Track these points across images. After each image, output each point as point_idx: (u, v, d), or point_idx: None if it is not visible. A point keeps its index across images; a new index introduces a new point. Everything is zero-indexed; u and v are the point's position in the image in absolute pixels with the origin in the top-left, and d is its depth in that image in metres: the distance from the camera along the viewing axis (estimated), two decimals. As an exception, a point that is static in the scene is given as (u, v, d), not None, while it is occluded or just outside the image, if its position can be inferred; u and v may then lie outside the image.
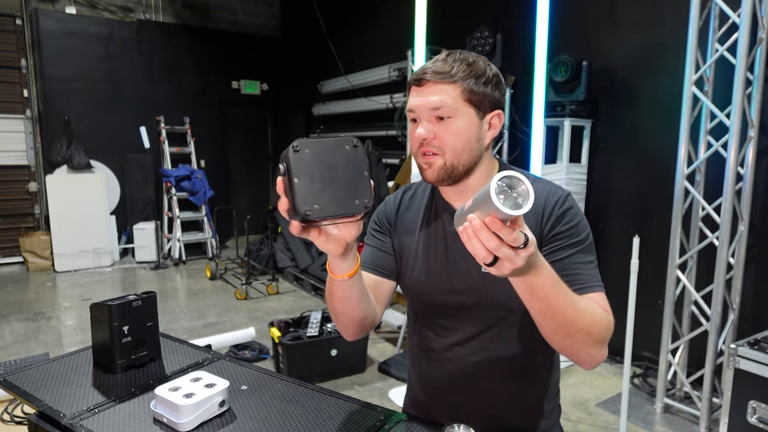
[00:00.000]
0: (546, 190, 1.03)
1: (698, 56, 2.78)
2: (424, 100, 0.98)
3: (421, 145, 1.00)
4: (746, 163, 2.72)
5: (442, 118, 0.98)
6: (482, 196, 0.69)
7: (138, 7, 6.80)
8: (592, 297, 0.96)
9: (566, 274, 0.94)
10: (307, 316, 3.48)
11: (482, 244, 0.69)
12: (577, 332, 0.86)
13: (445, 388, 1.11)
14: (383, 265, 1.13)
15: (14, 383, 1.23)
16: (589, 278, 0.97)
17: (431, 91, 0.98)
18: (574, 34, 3.70)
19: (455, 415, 1.09)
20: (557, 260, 0.97)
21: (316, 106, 7.39)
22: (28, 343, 3.89)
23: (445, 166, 0.99)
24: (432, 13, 2.99)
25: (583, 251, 0.99)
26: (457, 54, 1.00)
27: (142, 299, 1.35)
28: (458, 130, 0.98)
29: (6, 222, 6.30)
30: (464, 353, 1.08)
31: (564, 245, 0.98)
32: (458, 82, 0.97)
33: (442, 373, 1.11)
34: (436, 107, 0.97)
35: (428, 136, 0.98)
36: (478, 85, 0.98)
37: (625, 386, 2.45)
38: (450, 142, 0.98)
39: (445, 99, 0.97)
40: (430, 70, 0.98)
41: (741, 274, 2.78)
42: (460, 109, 0.98)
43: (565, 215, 1.00)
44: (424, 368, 1.16)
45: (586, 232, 1.01)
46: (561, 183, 3.49)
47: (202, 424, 1.04)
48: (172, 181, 6.55)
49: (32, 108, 6.34)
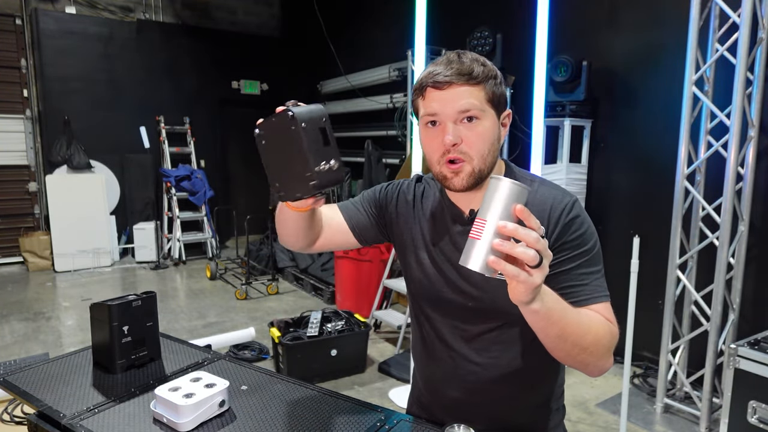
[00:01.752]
0: (552, 195, 1.00)
1: (698, 56, 2.78)
2: (451, 103, 0.93)
3: (447, 152, 0.95)
4: (746, 163, 2.72)
5: (470, 120, 0.94)
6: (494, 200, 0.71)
7: (138, 7, 6.80)
8: (597, 308, 0.94)
9: (572, 285, 0.95)
10: (307, 316, 3.48)
11: (526, 240, 0.70)
12: (588, 346, 0.87)
13: (449, 387, 1.11)
14: (356, 224, 1.16)
15: (14, 383, 1.23)
16: (594, 289, 0.96)
17: (458, 93, 0.93)
18: (574, 34, 3.70)
19: (458, 414, 1.09)
20: (564, 271, 0.96)
21: (316, 106, 7.38)
22: (28, 343, 3.89)
23: (473, 173, 0.95)
24: (432, 13, 2.99)
25: (589, 261, 0.97)
26: (468, 54, 0.97)
27: (142, 299, 1.35)
28: (485, 132, 0.95)
29: (6, 222, 6.30)
30: (466, 353, 1.08)
31: (571, 256, 0.96)
32: (482, 83, 0.94)
33: (445, 372, 1.11)
34: (466, 109, 0.93)
35: (457, 141, 0.93)
36: (496, 86, 0.96)
37: (625, 386, 2.45)
38: (478, 146, 0.95)
39: (473, 101, 0.93)
40: (453, 72, 0.93)
41: (741, 274, 2.78)
42: (486, 110, 0.95)
43: (573, 224, 0.97)
44: (427, 367, 1.16)
45: (593, 241, 0.98)
46: (561, 183, 3.49)
47: (202, 424, 1.04)
48: (172, 181, 6.55)
49: (32, 108, 6.34)
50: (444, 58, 0.97)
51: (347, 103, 6.52)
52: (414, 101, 1.01)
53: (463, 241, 1.03)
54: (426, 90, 0.96)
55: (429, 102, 0.95)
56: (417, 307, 1.16)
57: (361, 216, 1.16)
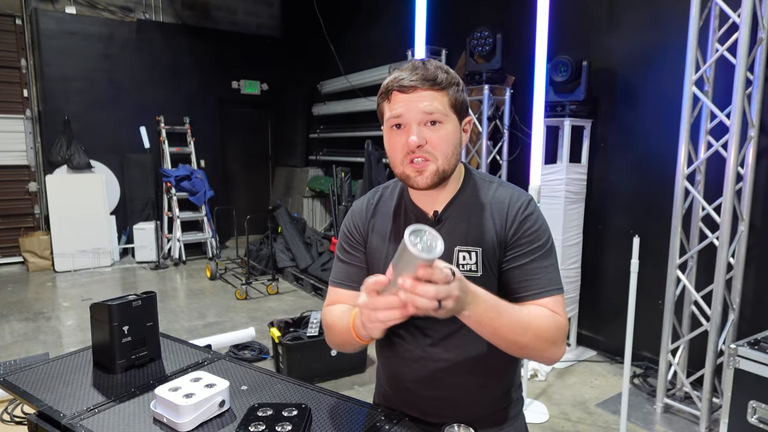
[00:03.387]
0: (509, 194, 1.08)
1: (698, 56, 2.78)
2: (416, 106, 0.98)
3: (410, 153, 0.99)
4: (746, 163, 2.72)
5: (433, 124, 0.99)
6: (402, 259, 0.76)
7: (138, 7, 6.80)
8: (545, 302, 1.02)
9: (526, 279, 1.04)
10: (307, 316, 3.48)
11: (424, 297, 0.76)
12: (528, 343, 0.95)
13: (417, 384, 1.12)
14: (359, 281, 1.12)
15: (14, 383, 1.23)
16: (546, 282, 1.03)
17: (422, 98, 0.98)
18: (574, 34, 3.70)
19: (426, 410, 1.11)
20: (519, 266, 1.04)
21: (316, 106, 7.39)
22: (28, 343, 3.89)
23: (437, 171, 1.00)
24: (432, 13, 2.99)
25: (543, 256, 1.04)
26: (433, 62, 1.01)
27: (142, 299, 1.35)
28: (447, 135, 1.00)
29: (6, 222, 6.30)
30: (436, 352, 1.09)
31: (525, 251, 1.04)
32: (445, 89, 0.99)
33: (414, 371, 1.11)
34: (430, 112, 0.98)
35: (422, 142, 0.98)
36: (458, 93, 1.02)
37: (625, 386, 2.45)
38: (442, 147, 1.00)
39: (437, 105, 0.98)
40: (418, 77, 0.98)
41: (741, 274, 2.78)
42: (449, 115, 1.00)
43: (527, 220, 1.05)
44: (394, 367, 1.16)
45: (546, 236, 1.06)
46: (561, 183, 3.49)
47: (202, 424, 1.04)
48: (172, 181, 6.55)
49: (32, 108, 6.34)
50: (409, 64, 1.02)
51: (347, 103, 6.52)
52: (379, 105, 1.05)
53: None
54: (392, 93, 1.00)
55: (394, 104, 1.00)
56: None
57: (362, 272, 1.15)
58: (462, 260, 1.05)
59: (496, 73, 3.92)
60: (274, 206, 6.48)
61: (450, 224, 1.07)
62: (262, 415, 1.04)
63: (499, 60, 3.83)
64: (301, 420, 1.02)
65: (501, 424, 1.14)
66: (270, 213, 6.05)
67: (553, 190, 3.51)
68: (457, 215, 1.08)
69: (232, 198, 7.50)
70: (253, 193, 7.94)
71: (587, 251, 3.69)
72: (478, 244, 1.05)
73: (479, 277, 1.04)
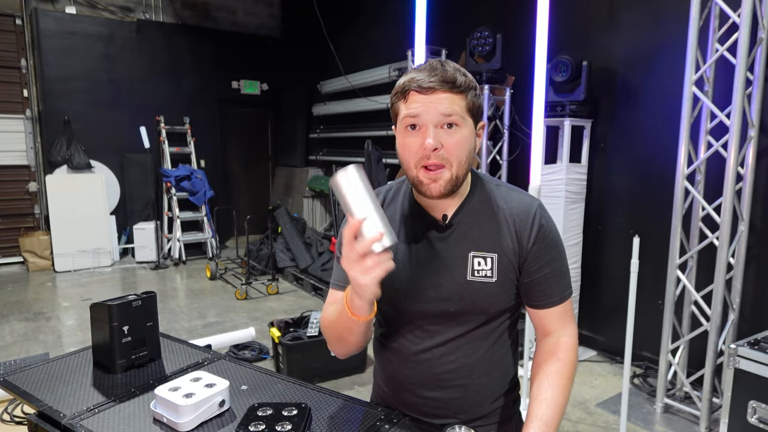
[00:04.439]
0: (521, 201, 1.07)
1: (698, 56, 2.78)
2: (434, 107, 0.94)
3: (424, 157, 0.95)
4: (746, 163, 2.72)
5: (450, 126, 0.95)
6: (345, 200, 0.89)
7: (138, 7, 6.80)
8: (556, 312, 1.07)
9: (542, 288, 1.05)
10: (307, 316, 3.48)
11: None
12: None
13: (419, 386, 1.10)
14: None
15: (14, 383, 1.23)
16: (561, 288, 1.07)
17: (440, 99, 0.94)
18: (574, 34, 3.70)
19: (428, 411, 1.11)
20: (540, 277, 1.05)
21: (316, 106, 7.39)
22: (28, 343, 3.89)
23: (452, 179, 0.97)
24: (432, 13, 2.99)
25: (559, 258, 1.07)
26: (451, 63, 0.99)
27: (142, 299, 1.35)
28: (463, 139, 0.97)
29: (6, 222, 6.30)
30: (442, 353, 1.08)
31: (544, 262, 1.05)
32: (464, 92, 0.96)
33: (417, 372, 1.10)
34: (448, 114, 0.94)
35: (438, 146, 0.94)
36: (476, 97, 0.99)
37: (625, 386, 2.45)
38: (457, 153, 0.96)
39: (455, 108, 0.95)
40: (437, 79, 0.94)
41: (741, 274, 2.78)
42: (465, 119, 0.97)
43: (542, 229, 1.05)
44: (396, 368, 1.13)
45: (558, 239, 1.08)
46: (561, 183, 3.49)
47: (202, 424, 1.04)
48: (172, 181, 6.55)
49: (32, 108, 6.34)
50: (427, 65, 0.98)
51: (347, 103, 6.52)
52: (394, 104, 1.01)
53: (441, 247, 1.05)
54: (409, 93, 0.96)
55: (411, 104, 0.96)
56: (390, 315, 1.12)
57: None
58: (477, 266, 1.03)
59: (496, 73, 3.92)
60: (274, 206, 6.48)
61: (462, 229, 1.05)
62: (262, 414, 1.04)
63: (499, 60, 3.83)
64: (301, 419, 1.02)
65: (501, 423, 1.14)
66: (270, 213, 6.05)
67: (553, 190, 3.51)
68: (468, 220, 1.05)
69: (232, 198, 7.50)
70: (253, 193, 7.94)
71: (587, 251, 3.69)
72: (493, 249, 1.03)
73: (494, 282, 1.03)
